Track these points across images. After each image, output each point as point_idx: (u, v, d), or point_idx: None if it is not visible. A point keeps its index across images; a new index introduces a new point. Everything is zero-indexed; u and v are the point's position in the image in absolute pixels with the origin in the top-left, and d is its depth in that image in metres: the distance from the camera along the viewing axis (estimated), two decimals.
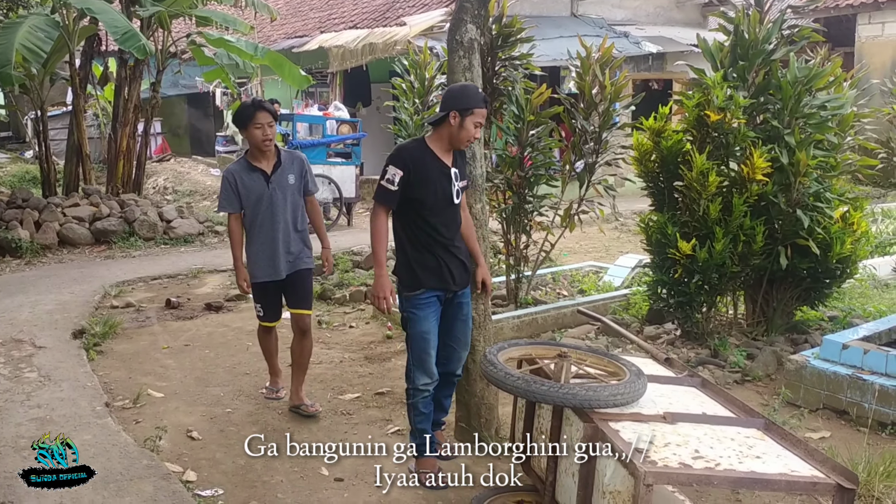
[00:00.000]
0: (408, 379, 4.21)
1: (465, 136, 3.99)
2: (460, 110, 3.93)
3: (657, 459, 2.73)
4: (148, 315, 7.53)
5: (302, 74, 12.97)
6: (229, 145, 21.49)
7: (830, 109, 5.93)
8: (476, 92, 4.04)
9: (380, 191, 3.97)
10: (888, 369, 4.71)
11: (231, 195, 4.89)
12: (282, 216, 4.89)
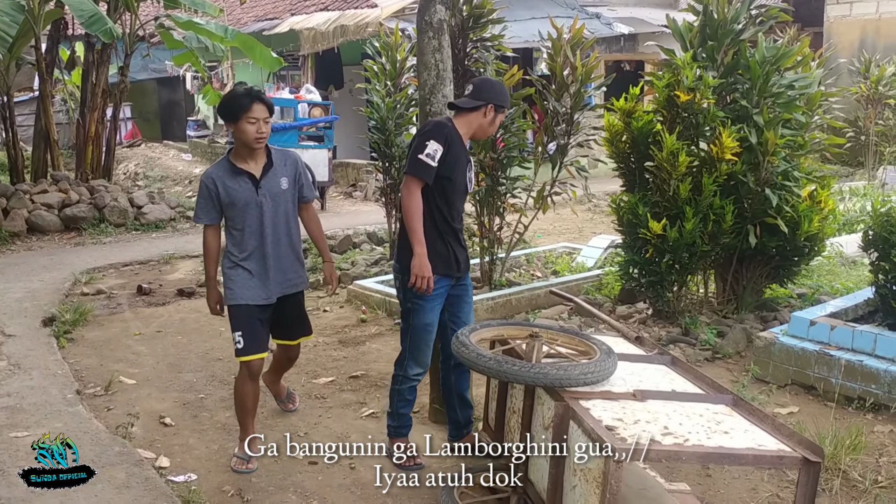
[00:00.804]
0: (399, 366, 4.13)
1: (491, 132, 4.02)
2: (497, 106, 3.92)
3: (627, 436, 2.76)
4: (119, 302, 7.47)
5: (273, 57, 12.85)
6: (201, 130, 21.31)
7: (798, 89, 5.98)
8: (507, 93, 4.10)
9: (419, 165, 3.79)
10: (854, 345, 4.78)
11: (209, 204, 4.06)
12: (272, 228, 4.08)
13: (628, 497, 3.51)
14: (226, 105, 4.05)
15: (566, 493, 3.02)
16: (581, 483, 2.87)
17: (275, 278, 4.13)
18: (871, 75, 12.42)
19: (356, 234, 9.74)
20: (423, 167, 3.79)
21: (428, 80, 4.38)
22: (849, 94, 12.69)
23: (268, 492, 3.91)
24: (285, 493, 3.88)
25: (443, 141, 3.81)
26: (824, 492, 3.74)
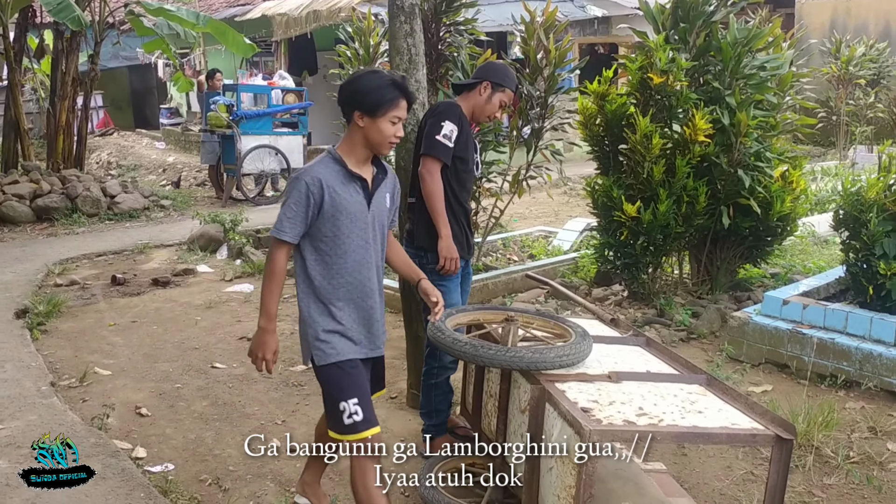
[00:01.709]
0: (432, 358, 4.02)
1: (490, 111, 3.95)
2: (493, 83, 3.88)
3: (602, 418, 2.77)
4: (93, 292, 7.40)
5: (246, 43, 12.73)
6: (174, 117, 21.12)
7: (770, 70, 6.02)
8: (513, 76, 4.01)
9: (438, 145, 3.75)
10: (826, 323, 4.84)
11: (303, 214, 2.93)
12: (376, 256, 3.10)
13: (604, 477, 3.54)
14: (365, 94, 2.98)
15: (543, 475, 3.03)
16: (557, 465, 2.89)
17: (381, 321, 3.17)
18: (842, 56, 12.52)
19: None
20: (442, 148, 3.77)
21: (400, 64, 4.36)
22: (820, 75, 12.80)
23: (245, 480, 3.90)
24: (263, 481, 3.88)
25: (457, 120, 3.81)
26: (798, 468, 3.79)
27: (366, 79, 3.02)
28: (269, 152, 11.70)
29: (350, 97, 3.01)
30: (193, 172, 15.27)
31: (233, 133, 11.39)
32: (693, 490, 3.62)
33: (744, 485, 3.70)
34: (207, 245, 8.83)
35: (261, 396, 4.91)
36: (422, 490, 3.50)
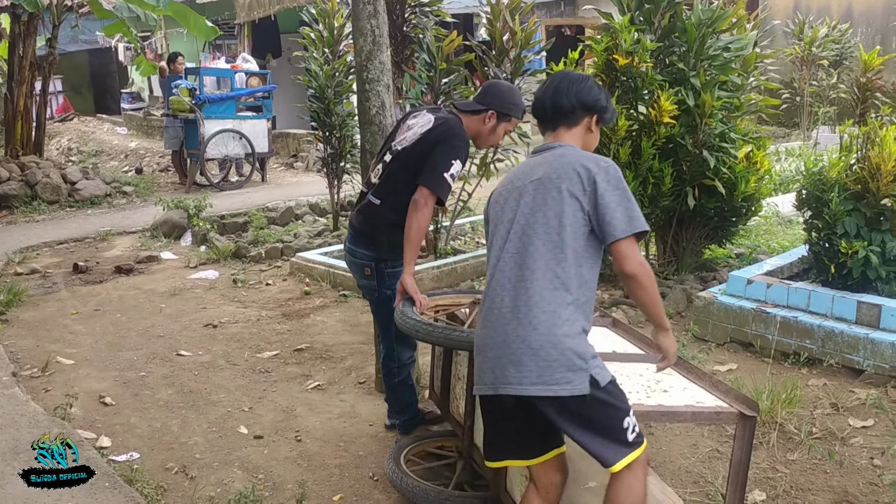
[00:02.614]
0: (390, 359, 3.91)
1: (493, 141, 3.70)
2: (499, 113, 3.59)
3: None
4: (55, 281, 7.26)
5: (208, 25, 12.51)
6: (135, 102, 20.82)
7: (734, 51, 6.04)
8: (521, 100, 3.71)
9: (444, 185, 3.50)
10: (790, 302, 4.90)
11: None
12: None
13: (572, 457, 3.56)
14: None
15: None
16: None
17: None
18: (805, 37, 12.63)
19: (298, 206, 9.63)
20: (447, 187, 3.53)
21: (364, 46, 4.30)
22: (784, 56, 12.91)
23: (212, 467, 3.86)
24: (230, 468, 3.84)
25: (464, 157, 3.59)
26: (762, 445, 3.84)
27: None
28: (232, 136, 11.56)
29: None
30: (156, 158, 15.05)
31: (195, 117, 11.22)
32: (660, 468, 3.64)
33: (709, 462, 3.74)
34: (171, 231, 8.71)
35: (227, 384, 4.86)
36: (391, 475, 3.49)
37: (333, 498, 3.56)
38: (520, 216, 2.53)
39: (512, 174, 2.72)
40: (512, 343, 2.42)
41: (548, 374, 2.37)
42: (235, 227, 8.90)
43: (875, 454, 3.73)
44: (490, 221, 2.69)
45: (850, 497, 3.42)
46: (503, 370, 2.42)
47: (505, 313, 2.46)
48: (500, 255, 2.53)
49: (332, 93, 7.86)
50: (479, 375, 2.51)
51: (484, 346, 2.51)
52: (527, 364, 2.38)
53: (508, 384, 2.41)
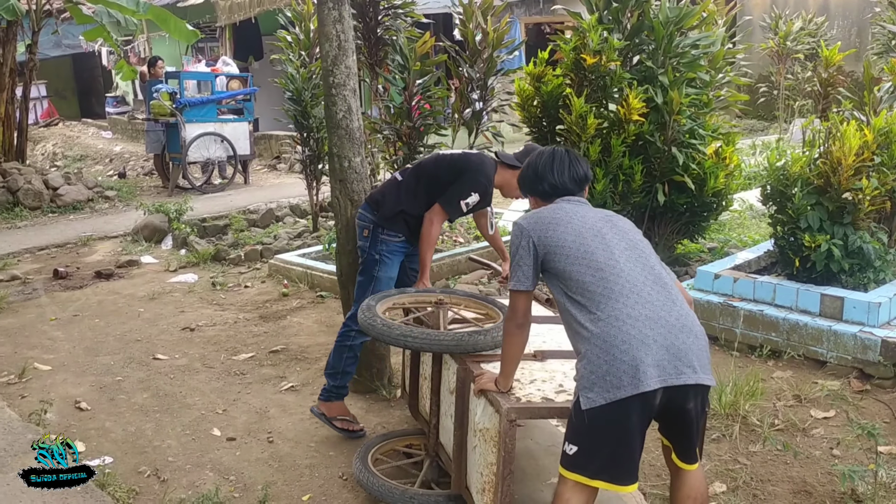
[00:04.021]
0: (352, 320, 4.09)
1: (515, 195, 4.09)
2: None
3: (521, 396, 2.84)
4: (35, 287, 7.29)
5: (189, 29, 12.53)
6: (120, 106, 20.76)
7: (702, 48, 6.11)
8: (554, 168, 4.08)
9: (458, 210, 3.95)
10: (756, 295, 4.98)
11: None
12: None
13: (536, 453, 3.63)
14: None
15: (469, 454, 3.10)
16: (480, 443, 2.95)
17: None
18: (780, 31, 12.72)
19: (279, 208, 9.67)
20: (458, 213, 3.99)
21: (330, 51, 4.35)
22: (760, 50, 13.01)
23: (185, 470, 3.91)
24: (202, 471, 3.89)
25: (482, 195, 3.97)
26: (724, 438, 3.92)
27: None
28: (214, 139, 11.59)
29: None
30: (141, 162, 15.05)
31: (177, 121, 11.25)
32: None
33: None
34: (152, 235, 8.75)
35: (202, 386, 4.91)
36: (357, 474, 3.55)
37: (303, 498, 3.62)
38: (618, 239, 2.69)
39: (569, 216, 2.76)
40: (694, 331, 2.52)
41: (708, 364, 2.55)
42: (216, 230, 8.94)
43: (834, 445, 3.81)
44: (574, 249, 2.65)
45: (808, 487, 3.49)
46: (690, 358, 2.45)
47: (658, 306, 2.51)
48: (616, 263, 2.59)
49: (308, 95, 7.90)
50: (645, 368, 2.39)
51: (650, 337, 2.44)
52: (704, 355, 2.52)
53: (695, 373, 2.46)
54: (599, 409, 2.41)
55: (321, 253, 7.23)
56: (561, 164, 2.90)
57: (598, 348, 2.44)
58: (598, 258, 2.59)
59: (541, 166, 2.94)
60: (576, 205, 2.84)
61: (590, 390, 2.43)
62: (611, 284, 2.53)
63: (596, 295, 2.52)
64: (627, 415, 2.42)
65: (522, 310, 2.73)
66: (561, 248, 2.64)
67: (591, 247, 2.62)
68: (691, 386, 2.45)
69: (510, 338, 2.79)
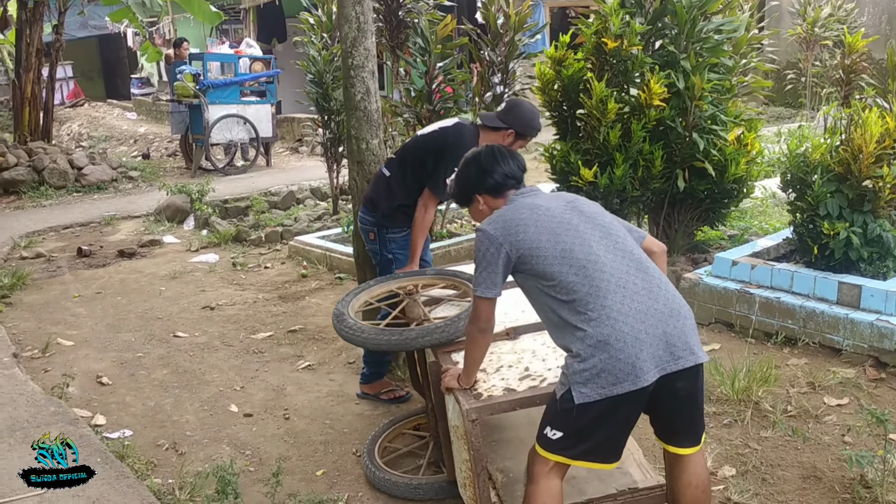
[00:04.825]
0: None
1: None
2: (517, 133, 3.95)
3: (483, 391, 2.82)
4: (59, 265, 7.42)
5: (213, 10, 12.63)
6: (145, 87, 20.95)
7: (725, 33, 6.05)
8: (539, 122, 4.07)
9: (444, 189, 3.95)
10: (773, 283, 4.96)
11: None
12: None
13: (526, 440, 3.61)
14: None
15: (453, 445, 3.08)
16: (455, 439, 2.94)
17: None
18: (808, 17, 12.55)
19: (300, 190, 9.73)
20: (448, 192, 3.87)
21: (349, 33, 4.38)
22: (787, 37, 12.84)
23: (202, 444, 3.99)
24: (219, 445, 3.97)
25: None
26: (737, 422, 3.92)
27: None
28: (237, 121, 11.66)
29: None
30: (165, 143, 15.18)
31: (200, 103, 11.33)
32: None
33: None
34: (174, 216, 8.85)
35: (221, 364, 4.99)
36: (366, 471, 3.58)
37: (316, 473, 3.68)
38: (591, 228, 2.64)
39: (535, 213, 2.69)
40: (682, 313, 2.53)
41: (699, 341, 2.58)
42: (237, 211, 9.02)
43: (846, 431, 3.80)
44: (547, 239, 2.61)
45: (817, 472, 3.49)
46: (685, 341, 2.47)
47: (645, 295, 2.51)
48: (597, 257, 2.54)
49: (330, 78, 7.93)
50: (642, 363, 2.39)
51: (643, 331, 2.43)
52: (694, 333, 2.54)
53: (693, 354, 2.48)
54: (594, 402, 2.40)
55: (340, 235, 7.28)
56: (503, 156, 2.87)
57: (593, 348, 2.41)
58: (577, 255, 2.54)
59: (484, 160, 2.88)
60: (533, 197, 2.77)
61: (584, 385, 2.41)
62: (596, 282, 2.49)
63: (583, 294, 2.48)
64: (623, 407, 2.43)
65: (486, 315, 2.71)
66: (537, 251, 2.57)
67: (568, 243, 2.56)
68: (689, 368, 2.46)
69: (472, 341, 2.77)
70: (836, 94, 11.64)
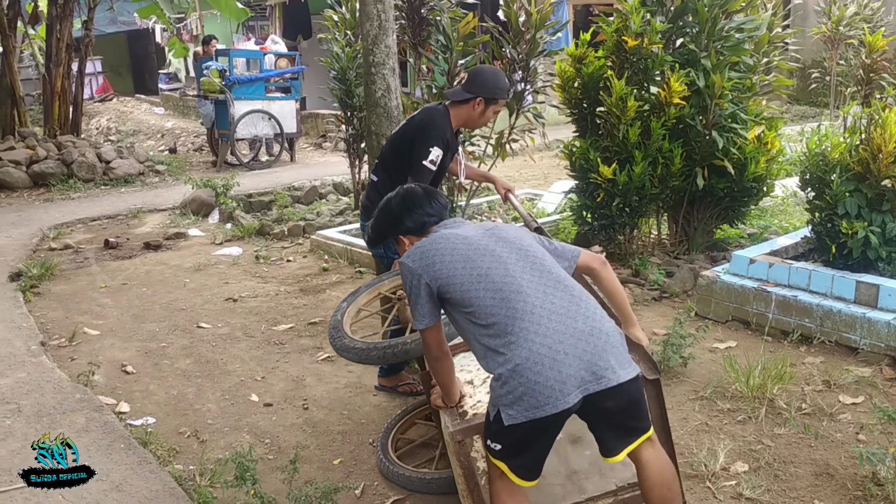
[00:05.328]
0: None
1: (483, 122, 4.05)
2: (487, 99, 3.93)
3: (469, 408, 2.84)
4: (86, 256, 7.57)
5: (239, 7, 12.78)
6: (172, 83, 21.17)
7: (746, 31, 6.06)
8: (505, 83, 4.04)
9: (424, 172, 3.88)
10: (791, 281, 4.97)
11: None
12: None
13: None
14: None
15: (449, 457, 3.08)
16: (449, 452, 2.95)
17: None
18: (833, 16, 12.46)
19: (323, 185, 9.83)
20: (426, 174, 3.90)
21: (370, 30, 4.45)
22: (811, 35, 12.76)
23: (223, 432, 4.08)
24: (240, 433, 4.06)
25: (443, 145, 3.91)
26: (751, 419, 3.95)
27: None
28: (262, 117, 11.79)
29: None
30: (191, 137, 15.37)
31: (226, 98, 11.46)
32: None
33: (697, 434, 3.85)
34: (199, 209, 8.98)
35: (243, 354, 5.08)
36: (380, 466, 3.64)
37: (334, 462, 3.76)
38: (508, 251, 2.61)
39: (451, 242, 2.67)
40: (604, 330, 2.48)
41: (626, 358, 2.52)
42: (261, 205, 9.15)
43: (860, 430, 3.82)
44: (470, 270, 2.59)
45: (830, 469, 3.51)
46: (607, 360, 2.43)
47: (564, 314, 2.47)
48: (513, 279, 2.52)
49: (353, 74, 8.01)
50: (561, 386, 2.37)
51: (561, 352, 2.40)
52: (619, 350, 2.49)
53: (615, 373, 2.42)
54: (521, 424, 2.39)
55: None
56: (418, 200, 2.86)
57: (514, 371, 2.38)
58: (493, 278, 2.52)
59: (395, 208, 2.88)
60: (453, 228, 2.76)
61: (510, 408, 2.39)
62: (514, 303, 2.46)
63: (501, 317, 2.46)
64: (547, 429, 2.44)
65: (434, 343, 2.72)
66: (453, 278, 2.55)
67: (484, 268, 2.54)
68: (613, 387, 2.42)
69: (433, 370, 2.82)
70: (858, 93, 11.56)
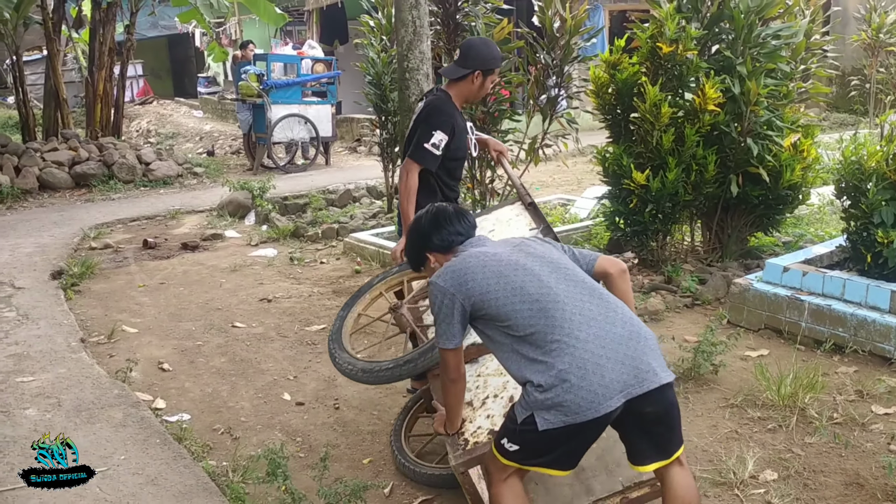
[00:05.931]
0: None
1: (483, 93, 4.06)
2: (484, 71, 3.93)
3: (469, 436, 2.86)
4: (125, 255, 7.73)
5: (277, 12, 12.94)
6: (211, 86, 21.46)
7: (783, 38, 6.03)
8: (497, 51, 4.05)
9: (426, 154, 3.87)
10: (825, 290, 4.92)
11: None
12: None
13: None
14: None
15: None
16: (456, 473, 2.93)
17: None
18: (873, 23, 12.30)
19: (357, 189, 9.93)
20: (430, 157, 3.88)
21: (405, 36, 4.51)
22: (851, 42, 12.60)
23: (256, 430, 4.15)
24: (272, 431, 4.13)
25: (448, 130, 3.89)
26: (781, 428, 3.92)
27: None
28: (298, 121, 11.93)
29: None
30: (229, 141, 15.59)
31: (263, 102, 11.62)
32: None
33: (726, 442, 3.84)
34: (236, 211, 9.12)
35: (276, 354, 5.16)
36: (396, 463, 3.68)
37: (363, 461, 3.81)
38: (539, 264, 2.65)
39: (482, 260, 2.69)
40: (642, 334, 2.52)
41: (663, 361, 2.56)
42: (296, 208, 9.27)
43: (891, 440, 3.78)
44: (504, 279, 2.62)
45: (860, 479, 3.49)
46: (648, 363, 2.46)
47: (602, 320, 2.51)
48: (549, 290, 2.55)
49: (388, 79, 8.09)
50: (604, 390, 2.39)
51: (603, 357, 2.43)
52: (657, 354, 2.52)
53: (656, 375, 2.45)
54: (556, 428, 2.40)
55: (393, 233, 7.42)
56: (447, 218, 2.86)
57: (555, 377, 2.39)
58: (529, 290, 2.54)
59: (425, 225, 2.88)
60: (480, 247, 2.77)
61: (546, 412, 2.39)
62: (552, 312, 2.49)
63: (540, 327, 2.48)
64: (585, 432, 2.44)
65: (454, 365, 2.73)
66: (487, 294, 2.57)
67: (518, 282, 2.57)
68: (654, 390, 2.44)
69: (445, 391, 2.82)
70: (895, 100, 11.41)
